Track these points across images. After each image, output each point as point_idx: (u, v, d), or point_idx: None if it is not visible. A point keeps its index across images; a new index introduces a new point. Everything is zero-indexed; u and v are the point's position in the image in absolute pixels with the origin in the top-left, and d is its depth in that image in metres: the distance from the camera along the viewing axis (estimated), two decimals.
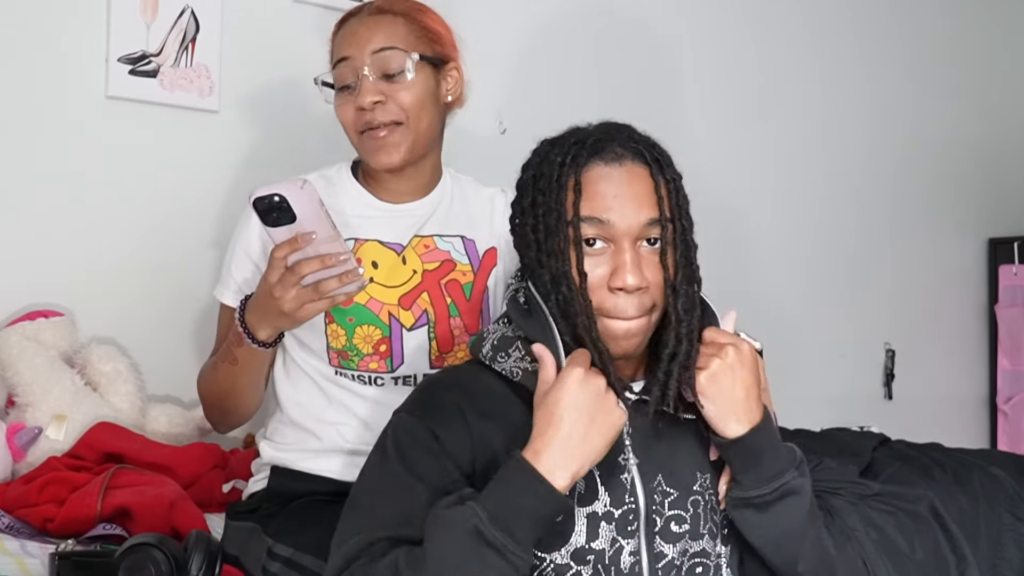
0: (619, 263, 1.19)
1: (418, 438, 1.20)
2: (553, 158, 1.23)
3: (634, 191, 1.21)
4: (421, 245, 1.61)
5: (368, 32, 1.55)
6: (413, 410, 1.24)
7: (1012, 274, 3.51)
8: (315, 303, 1.37)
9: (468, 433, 1.20)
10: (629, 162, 1.22)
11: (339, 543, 1.18)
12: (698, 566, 1.26)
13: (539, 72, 2.66)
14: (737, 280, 2.95)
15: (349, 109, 1.56)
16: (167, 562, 1.28)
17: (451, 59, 1.62)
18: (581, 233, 1.19)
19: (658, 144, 1.27)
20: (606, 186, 1.20)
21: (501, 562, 1.09)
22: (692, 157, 3.06)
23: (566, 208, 1.20)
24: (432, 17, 1.61)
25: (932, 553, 1.91)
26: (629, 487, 1.22)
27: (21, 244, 1.96)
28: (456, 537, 1.09)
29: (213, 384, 1.59)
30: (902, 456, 2.28)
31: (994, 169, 3.66)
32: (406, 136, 1.56)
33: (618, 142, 1.23)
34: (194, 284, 2.07)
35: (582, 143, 1.23)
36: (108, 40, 2.03)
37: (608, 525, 1.20)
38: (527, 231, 1.24)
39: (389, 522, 1.16)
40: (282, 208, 1.30)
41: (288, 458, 1.59)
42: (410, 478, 1.18)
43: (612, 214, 1.19)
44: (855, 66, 3.29)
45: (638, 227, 1.20)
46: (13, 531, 1.57)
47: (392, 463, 1.20)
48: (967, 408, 3.58)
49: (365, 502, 1.20)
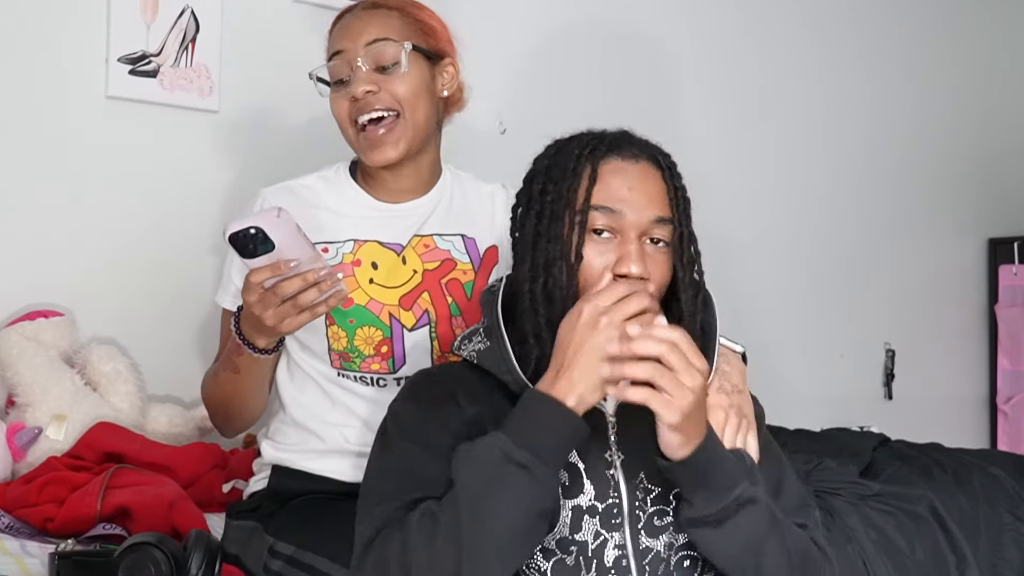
0: (625, 252, 1.23)
1: (415, 416, 1.25)
2: (571, 150, 1.27)
3: (647, 188, 1.25)
4: (421, 245, 1.60)
5: (362, 25, 1.55)
6: (407, 397, 1.30)
7: (1012, 274, 3.51)
8: (297, 316, 1.37)
9: (461, 413, 1.24)
10: (644, 162, 1.27)
11: (359, 526, 1.21)
12: (686, 559, 1.26)
13: (540, 74, 2.67)
14: (737, 280, 2.95)
15: (343, 102, 1.55)
16: (167, 561, 1.28)
17: (446, 55, 1.61)
18: (591, 221, 1.23)
19: (670, 155, 1.32)
20: (622, 179, 1.25)
21: (529, 479, 1.12)
22: (693, 157, 3.05)
23: (577, 195, 1.23)
24: (427, 13, 1.61)
25: (932, 553, 1.92)
26: (613, 483, 1.24)
27: (21, 244, 1.97)
28: (483, 464, 1.13)
29: (216, 391, 1.59)
30: (902, 456, 2.28)
31: (994, 169, 3.66)
32: (404, 130, 1.55)
33: (635, 144, 1.29)
34: (194, 284, 2.07)
35: (601, 138, 1.28)
36: (108, 40, 2.03)
37: (592, 519, 1.22)
38: (530, 217, 1.27)
39: (405, 488, 1.19)
40: (259, 239, 1.29)
41: (290, 458, 1.59)
42: (415, 447, 1.22)
43: (625, 205, 1.23)
44: (855, 66, 3.29)
45: (647, 222, 1.24)
46: (13, 531, 1.57)
47: (393, 441, 1.25)
48: (967, 408, 3.58)
49: (376, 484, 1.24)
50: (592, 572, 1.22)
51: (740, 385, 1.37)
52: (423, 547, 1.12)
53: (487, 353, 1.28)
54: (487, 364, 1.27)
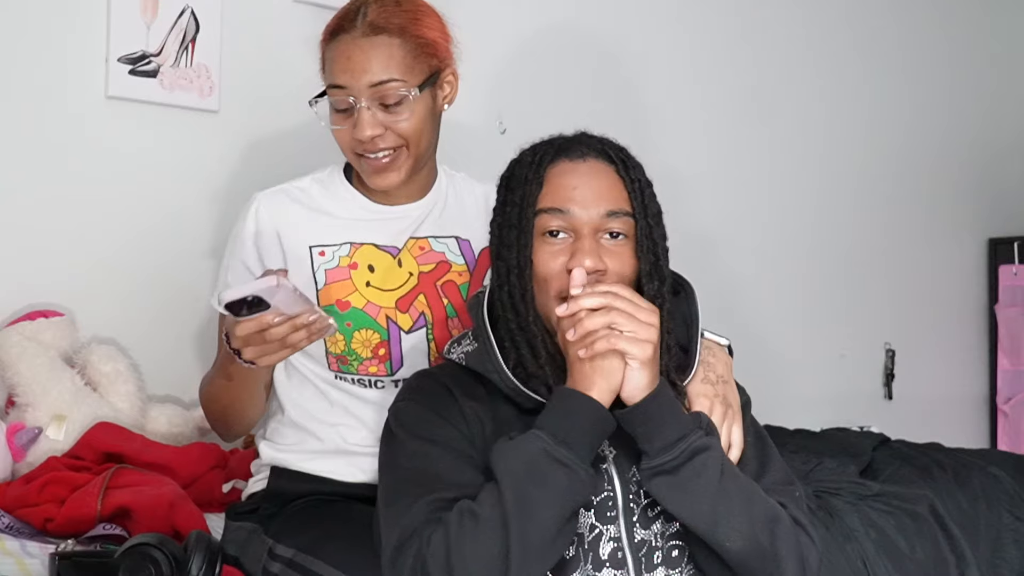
0: (577, 248, 1.27)
1: (420, 414, 1.29)
2: (525, 160, 1.34)
3: (595, 184, 1.29)
4: (416, 247, 1.60)
5: (364, 59, 1.47)
6: (407, 397, 1.34)
7: (1012, 274, 3.51)
8: (277, 353, 1.35)
9: (460, 409, 1.28)
10: (593, 159, 1.31)
11: (385, 530, 1.23)
12: (675, 548, 1.28)
13: (540, 74, 2.67)
14: (738, 280, 2.95)
15: (346, 135, 1.51)
16: (167, 562, 1.28)
17: (447, 65, 1.56)
18: (544, 224, 1.29)
19: (626, 149, 1.35)
20: (568, 179, 1.30)
21: (572, 476, 1.17)
22: (694, 157, 3.06)
23: (528, 203, 1.29)
24: (427, 23, 1.53)
25: (932, 553, 1.92)
26: (607, 477, 1.28)
27: (21, 244, 1.96)
28: (526, 463, 1.17)
29: (213, 397, 1.58)
30: (902, 456, 2.28)
31: (993, 169, 3.66)
32: (406, 160, 1.53)
33: (585, 143, 1.33)
34: (194, 284, 2.06)
35: (551, 143, 1.34)
36: (108, 40, 2.03)
37: (587, 512, 1.25)
38: (494, 228, 1.35)
39: (425, 487, 1.22)
40: (254, 304, 1.28)
41: (288, 459, 1.59)
42: (426, 445, 1.26)
43: (572, 204, 1.28)
44: (855, 67, 3.29)
45: (598, 217, 1.28)
46: (13, 531, 1.57)
47: (401, 442, 1.28)
48: (967, 408, 3.58)
49: (395, 488, 1.26)
50: (589, 564, 1.25)
51: (725, 376, 1.39)
52: (468, 543, 1.14)
53: (475, 354, 1.32)
54: (475, 365, 1.31)
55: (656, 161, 1.43)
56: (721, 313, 2.80)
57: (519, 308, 1.29)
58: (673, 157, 2.79)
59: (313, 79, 1.60)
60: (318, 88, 1.58)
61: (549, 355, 1.28)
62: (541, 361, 1.28)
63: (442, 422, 1.27)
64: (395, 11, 1.50)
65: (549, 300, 1.28)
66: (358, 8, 1.51)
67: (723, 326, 1.48)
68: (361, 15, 1.50)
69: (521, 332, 1.29)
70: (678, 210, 1.44)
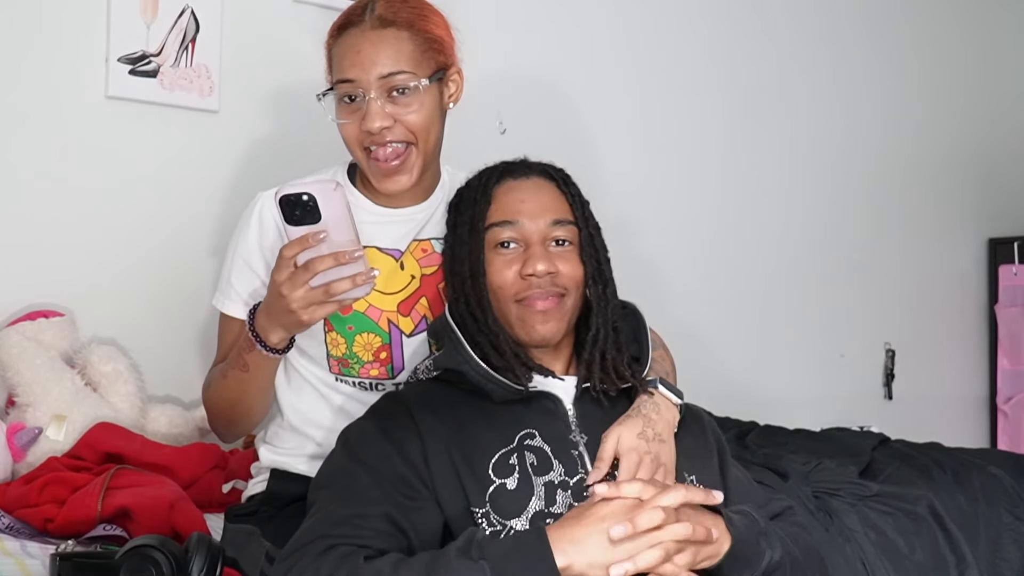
0: (529, 255, 1.38)
1: (363, 433, 1.35)
2: (472, 183, 1.46)
3: (540, 197, 1.41)
4: (419, 249, 1.59)
5: (373, 51, 1.47)
6: (363, 416, 1.39)
7: (1012, 274, 3.51)
8: (322, 306, 1.35)
9: (413, 423, 1.32)
10: (535, 177, 1.44)
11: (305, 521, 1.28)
12: None
13: (538, 73, 2.67)
14: (738, 280, 2.95)
15: (353, 128, 1.51)
16: (168, 564, 1.28)
17: (453, 63, 1.56)
18: (495, 237, 1.39)
19: (564, 170, 1.47)
20: (515, 194, 1.42)
21: None
22: (697, 157, 3.05)
23: (478, 219, 1.40)
24: (434, 20, 1.54)
25: (931, 553, 1.92)
26: (580, 461, 1.34)
27: (22, 244, 1.96)
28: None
29: (222, 392, 1.56)
30: (902, 456, 2.28)
31: (994, 170, 3.66)
32: (418, 158, 1.52)
33: (527, 164, 1.46)
34: (195, 284, 2.06)
35: (495, 167, 1.46)
36: (108, 40, 2.03)
37: (564, 492, 1.30)
38: (446, 248, 1.46)
39: (342, 503, 1.26)
40: (308, 208, 1.28)
41: (287, 462, 1.59)
42: (351, 464, 1.31)
43: (521, 216, 1.40)
44: (860, 68, 3.29)
45: (545, 226, 1.39)
46: (13, 531, 1.56)
47: (336, 457, 1.35)
48: (967, 408, 3.58)
49: (319, 492, 1.32)
50: None
51: (664, 435, 1.39)
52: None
53: (443, 356, 1.39)
54: (445, 363, 1.38)
55: (664, 161, 1.43)
56: (722, 313, 2.81)
57: (476, 314, 1.38)
58: (677, 154, 2.80)
59: (313, 79, 1.60)
60: (319, 88, 1.58)
61: (512, 352, 1.36)
62: (506, 356, 1.35)
63: (378, 439, 1.31)
64: (403, 6, 1.52)
65: (506, 307, 1.38)
66: (365, 4, 1.52)
67: (723, 326, 1.48)
68: (369, 10, 1.51)
69: (483, 334, 1.37)
70: (686, 212, 1.44)
